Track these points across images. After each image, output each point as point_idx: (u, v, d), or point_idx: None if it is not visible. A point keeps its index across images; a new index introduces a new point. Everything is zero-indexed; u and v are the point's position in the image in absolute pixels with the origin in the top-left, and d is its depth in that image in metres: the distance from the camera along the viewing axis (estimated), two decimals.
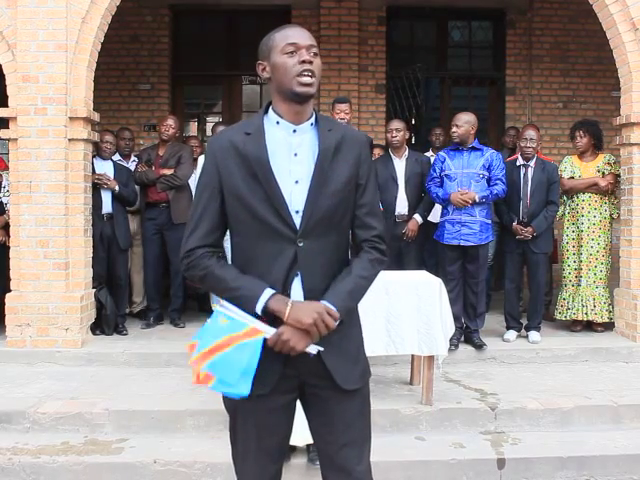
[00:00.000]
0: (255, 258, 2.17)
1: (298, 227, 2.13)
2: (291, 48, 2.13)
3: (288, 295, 2.13)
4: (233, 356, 2.05)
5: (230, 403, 2.25)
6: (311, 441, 3.69)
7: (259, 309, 2.09)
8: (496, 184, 5.75)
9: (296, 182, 2.14)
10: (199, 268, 2.17)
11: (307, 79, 2.11)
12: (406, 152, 6.24)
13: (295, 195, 2.14)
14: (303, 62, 2.11)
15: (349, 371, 2.24)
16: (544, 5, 9.06)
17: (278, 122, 2.19)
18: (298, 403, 2.33)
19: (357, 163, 2.21)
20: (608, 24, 6.04)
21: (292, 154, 2.16)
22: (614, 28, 5.96)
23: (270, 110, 2.23)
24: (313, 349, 2.11)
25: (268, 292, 2.10)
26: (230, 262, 2.26)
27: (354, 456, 2.26)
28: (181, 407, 4.50)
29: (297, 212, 2.13)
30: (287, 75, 2.13)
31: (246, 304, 2.10)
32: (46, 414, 4.40)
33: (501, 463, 3.99)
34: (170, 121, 6.84)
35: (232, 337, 2.06)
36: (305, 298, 2.13)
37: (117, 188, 6.36)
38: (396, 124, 6.26)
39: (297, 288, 2.15)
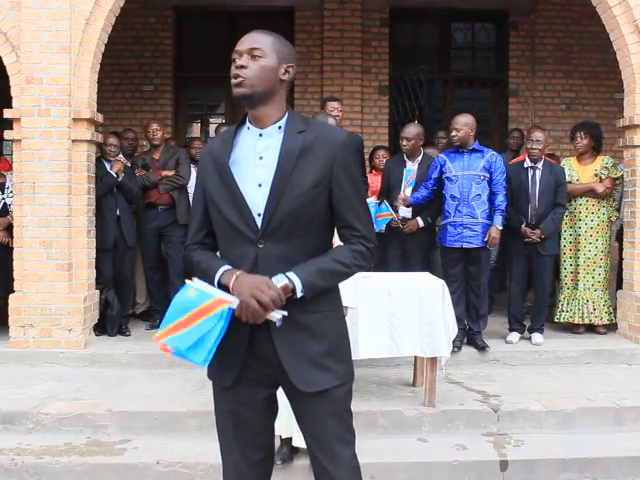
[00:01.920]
0: (226, 258, 2.28)
1: (259, 229, 2.19)
2: (234, 55, 2.22)
3: None
4: (192, 332, 2.12)
5: (214, 394, 2.37)
6: None
7: (215, 283, 2.20)
8: (497, 195, 5.73)
9: (259, 185, 2.20)
10: (188, 260, 2.39)
11: (233, 80, 2.19)
12: (420, 157, 6.20)
13: (257, 198, 2.19)
14: (235, 67, 2.19)
15: (308, 373, 2.21)
16: (547, 7, 9.07)
17: (249, 127, 2.28)
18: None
19: (329, 165, 2.19)
20: (611, 26, 6.03)
21: (257, 158, 2.22)
22: (617, 30, 5.96)
23: (247, 117, 2.31)
24: (278, 314, 2.11)
25: (223, 268, 2.21)
26: None
27: (328, 458, 2.26)
28: (183, 408, 4.50)
29: (259, 215, 2.18)
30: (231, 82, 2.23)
31: (209, 281, 2.22)
32: (49, 415, 4.41)
33: (503, 465, 3.99)
34: (154, 125, 6.87)
35: (197, 311, 2.13)
36: None
37: (120, 178, 6.36)
38: (407, 132, 6.15)
39: None
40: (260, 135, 2.24)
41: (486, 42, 9.88)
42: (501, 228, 5.72)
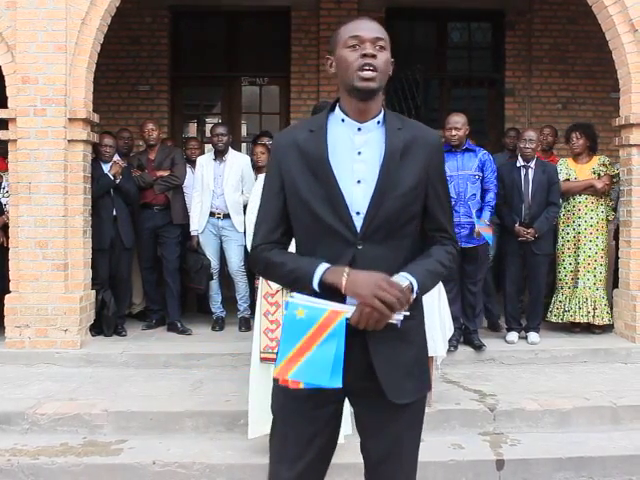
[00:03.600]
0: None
1: (358, 229, 2.04)
2: (354, 41, 2.05)
3: (344, 301, 2.00)
4: (318, 356, 1.93)
5: (275, 406, 2.19)
6: None
7: (315, 284, 1.99)
8: (488, 192, 5.77)
9: (358, 182, 2.05)
10: (261, 261, 2.15)
11: (367, 73, 2.02)
12: None
13: (356, 195, 2.04)
14: (364, 56, 2.03)
15: (401, 383, 2.08)
16: (543, 6, 9.07)
17: (343, 120, 2.12)
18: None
19: (427, 166, 2.09)
20: (607, 25, 6.04)
21: (355, 153, 2.08)
22: (613, 29, 5.96)
23: (337, 108, 2.15)
24: (400, 315, 1.97)
25: (323, 266, 2.00)
26: None
27: (393, 472, 2.15)
28: (180, 408, 4.50)
29: (358, 213, 2.04)
30: (348, 69, 2.05)
31: (303, 284, 2.02)
32: (45, 415, 4.40)
33: (500, 464, 3.99)
34: (150, 125, 6.85)
35: (313, 332, 1.94)
36: None
37: (118, 180, 6.35)
38: None
39: None
40: (359, 129, 2.09)
41: (482, 42, 9.88)
42: (488, 223, 5.75)
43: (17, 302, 5.75)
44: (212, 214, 6.56)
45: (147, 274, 6.86)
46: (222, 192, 6.51)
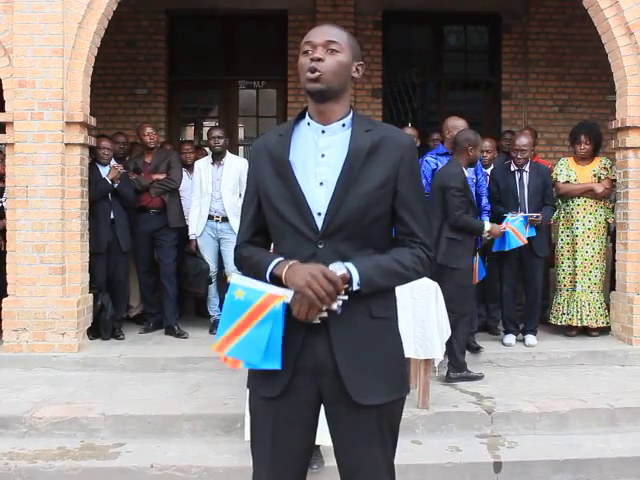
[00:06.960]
0: (283, 257, 2.13)
1: (319, 229, 2.08)
2: (307, 47, 2.15)
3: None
4: (253, 337, 1.99)
5: (252, 405, 2.22)
6: None
7: (267, 275, 2.09)
8: (482, 196, 5.81)
9: (320, 184, 2.10)
10: (237, 258, 2.29)
11: (310, 74, 2.10)
12: None
13: (318, 197, 2.09)
14: (311, 60, 2.11)
15: (367, 383, 2.08)
16: (539, 10, 9.08)
17: (309, 124, 2.18)
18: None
19: (396, 166, 2.10)
20: (603, 28, 6.06)
21: (319, 155, 2.13)
22: (609, 32, 5.98)
23: (306, 113, 2.21)
24: (335, 303, 1.99)
25: (278, 259, 2.10)
26: None
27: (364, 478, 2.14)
28: (177, 412, 4.50)
29: (319, 214, 2.08)
30: (301, 73, 2.15)
31: (262, 276, 2.11)
32: (42, 419, 4.40)
33: (497, 466, 4.00)
34: (149, 129, 6.86)
35: (250, 313, 2.00)
36: None
37: (116, 185, 6.35)
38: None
39: None
40: (322, 132, 2.15)
41: (479, 45, 9.89)
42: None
43: (14, 306, 5.75)
44: (210, 217, 6.57)
45: (144, 278, 6.86)
46: (220, 196, 6.51)
